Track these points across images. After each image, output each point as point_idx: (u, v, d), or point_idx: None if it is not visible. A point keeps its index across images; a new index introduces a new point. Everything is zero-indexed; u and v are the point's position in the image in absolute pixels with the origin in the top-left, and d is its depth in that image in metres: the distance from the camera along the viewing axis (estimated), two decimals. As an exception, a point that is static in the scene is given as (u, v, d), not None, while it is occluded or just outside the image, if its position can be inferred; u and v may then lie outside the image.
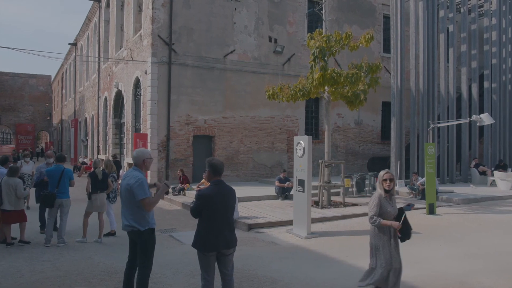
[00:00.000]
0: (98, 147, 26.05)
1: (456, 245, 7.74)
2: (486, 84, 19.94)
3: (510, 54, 20.60)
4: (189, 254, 6.59)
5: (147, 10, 16.87)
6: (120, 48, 21.76)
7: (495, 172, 16.44)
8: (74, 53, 35.48)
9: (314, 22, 19.56)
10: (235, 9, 17.70)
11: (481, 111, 18.25)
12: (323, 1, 14.66)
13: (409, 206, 4.88)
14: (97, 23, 26.71)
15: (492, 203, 13.14)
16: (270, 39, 18.51)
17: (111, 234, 8.49)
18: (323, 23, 13.87)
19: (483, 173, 17.96)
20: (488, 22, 20.28)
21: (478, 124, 13.57)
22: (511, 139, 20.61)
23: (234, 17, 17.70)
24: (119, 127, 22.33)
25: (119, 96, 21.62)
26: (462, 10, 19.72)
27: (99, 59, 25.65)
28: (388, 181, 4.62)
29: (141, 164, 4.61)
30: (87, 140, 30.43)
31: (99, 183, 8.07)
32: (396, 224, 4.57)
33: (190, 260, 6.44)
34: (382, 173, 4.71)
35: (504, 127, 20.24)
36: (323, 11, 13.96)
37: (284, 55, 18.71)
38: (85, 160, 26.27)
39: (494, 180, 16.60)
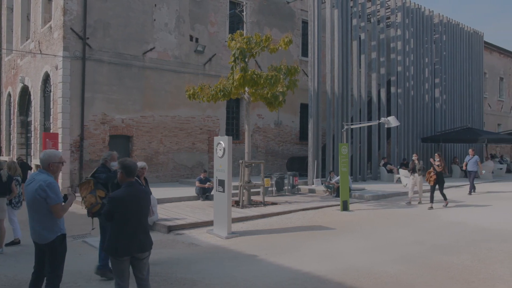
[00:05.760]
0: (0, 147, 23.70)
1: (366, 239, 8.29)
2: (393, 89, 21.71)
3: (412, 63, 22.64)
4: (103, 260, 6.25)
5: (58, 0, 15.72)
6: (27, 40, 20.00)
7: (400, 170, 17.91)
8: (-29, 43, 31.87)
9: (236, 23, 19.68)
10: (155, 5, 17.20)
11: (388, 114, 19.81)
12: (244, 3, 14.85)
13: None
14: (-1, 11, 24.27)
15: (398, 198, 14.31)
16: (191, 38, 18.27)
17: (15, 242, 7.77)
18: (244, 25, 14.06)
19: (390, 171, 19.49)
20: (394, 32, 22.11)
21: (386, 126, 14.69)
22: (413, 140, 22.65)
23: (154, 14, 17.18)
24: (25, 125, 20.51)
25: (25, 92, 19.86)
26: (372, 20, 21.28)
27: (1, 51, 23.34)
28: None
29: (47, 168, 4.28)
30: (-13, 139, 27.52)
31: (1, 186, 7.33)
32: None
33: (105, 267, 6.12)
34: None
35: (408, 129, 22.20)
36: (244, 13, 14.15)
37: (205, 55, 18.59)
38: (-16, 162, 23.73)
39: (399, 177, 18.09)
